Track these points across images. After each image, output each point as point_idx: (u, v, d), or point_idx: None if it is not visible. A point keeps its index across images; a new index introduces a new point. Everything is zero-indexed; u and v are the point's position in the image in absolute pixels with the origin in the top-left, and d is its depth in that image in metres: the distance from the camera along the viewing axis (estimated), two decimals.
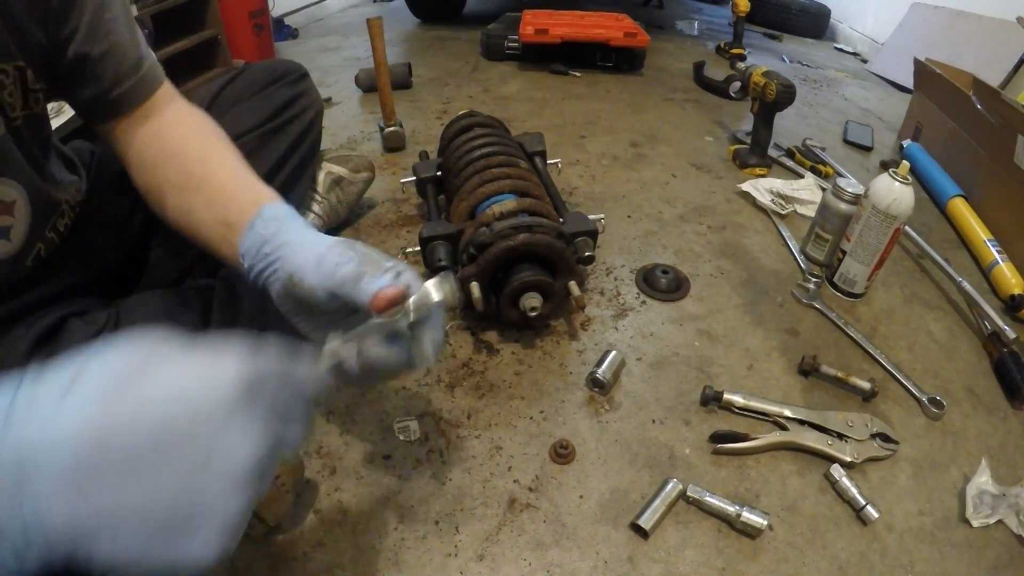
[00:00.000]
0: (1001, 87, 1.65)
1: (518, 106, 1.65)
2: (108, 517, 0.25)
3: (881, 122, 1.78)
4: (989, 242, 1.07)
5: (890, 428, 0.73)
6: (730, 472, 0.68)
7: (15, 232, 0.50)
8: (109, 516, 0.25)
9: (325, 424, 0.71)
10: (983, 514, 0.65)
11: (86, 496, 0.24)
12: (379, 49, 1.25)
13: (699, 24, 2.77)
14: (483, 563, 0.58)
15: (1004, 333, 0.86)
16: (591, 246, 0.84)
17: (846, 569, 0.60)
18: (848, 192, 0.94)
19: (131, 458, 0.25)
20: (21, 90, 0.48)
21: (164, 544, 0.26)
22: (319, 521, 0.61)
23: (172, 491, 0.25)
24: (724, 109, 1.73)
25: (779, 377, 0.81)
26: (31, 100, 0.50)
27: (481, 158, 0.90)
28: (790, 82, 1.21)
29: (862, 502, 0.64)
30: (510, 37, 1.97)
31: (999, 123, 1.14)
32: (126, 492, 0.25)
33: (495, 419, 0.73)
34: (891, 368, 0.83)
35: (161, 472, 0.25)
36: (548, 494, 0.65)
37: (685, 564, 0.59)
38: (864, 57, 2.63)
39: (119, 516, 0.25)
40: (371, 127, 1.47)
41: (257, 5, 1.80)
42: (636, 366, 0.81)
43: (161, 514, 0.25)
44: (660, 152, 1.43)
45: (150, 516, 0.25)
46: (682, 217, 1.17)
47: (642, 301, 0.93)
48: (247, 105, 0.77)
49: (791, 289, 0.97)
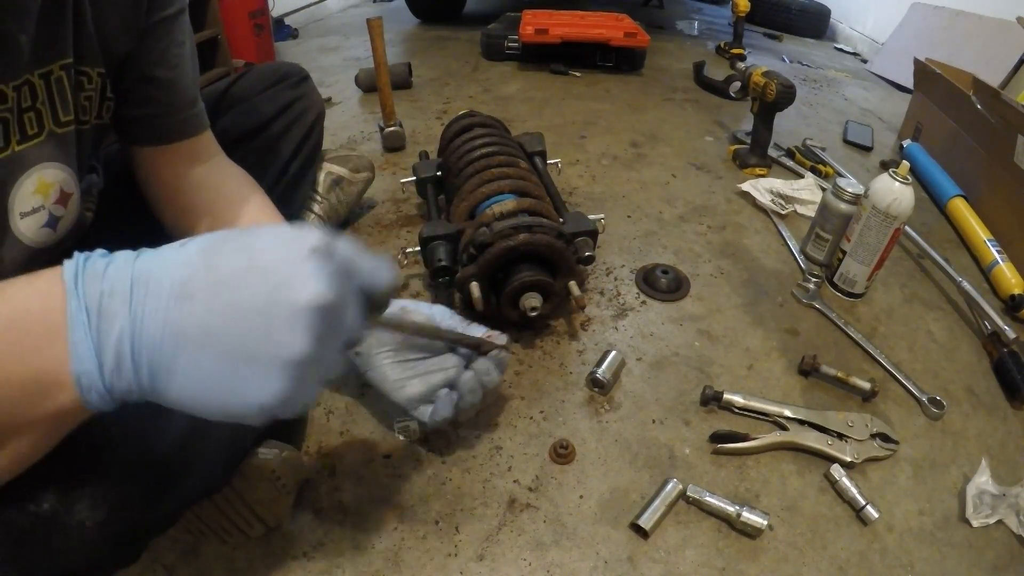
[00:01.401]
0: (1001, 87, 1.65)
1: (518, 106, 1.65)
2: (192, 334, 0.28)
3: (881, 122, 1.78)
4: (989, 242, 1.07)
5: (890, 428, 0.73)
6: (730, 472, 0.68)
7: (63, 224, 0.50)
8: (193, 332, 0.28)
9: (325, 424, 0.71)
10: (983, 514, 0.65)
11: (179, 309, 0.28)
12: (379, 49, 1.25)
13: (699, 24, 2.77)
14: (483, 563, 0.58)
15: (1004, 333, 0.86)
16: (591, 246, 0.84)
17: (846, 569, 0.60)
18: (848, 192, 0.94)
19: (219, 282, 0.29)
20: (100, 96, 0.50)
21: (232, 377, 0.29)
22: (319, 521, 0.61)
23: (247, 319, 0.28)
24: (724, 109, 1.74)
25: (779, 377, 0.81)
26: (104, 109, 0.52)
27: (481, 158, 0.90)
28: (790, 82, 1.21)
29: (862, 502, 0.64)
30: (510, 37, 1.97)
31: (999, 123, 1.14)
32: (210, 310, 0.28)
33: (495, 419, 0.73)
34: (891, 368, 0.83)
35: (241, 296, 0.29)
36: (548, 494, 0.65)
37: (685, 564, 0.59)
38: (864, 57, 2.63)
39: (201, 334, 0.28)
40: (371, 127, 1.47)
41: (257, 5, 1.80)
42: (636, 366, 0.81)
43: (234, 342, 0.28)
44: (660, 152, 1.43)
45: (225, 342, 0.28)
46: (682, 217, 1.17)
47: (642, 301, 0.93)
48: (249, 107, 0.77)
49: (791, 289, 0.97)
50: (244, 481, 0.54)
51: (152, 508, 0.43)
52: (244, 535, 0.56)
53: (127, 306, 0.28)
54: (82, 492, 0.37)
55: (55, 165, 0.46)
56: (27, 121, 0.43)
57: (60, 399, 0.28)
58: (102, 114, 0.52)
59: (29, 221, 0.46)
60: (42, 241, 0.48)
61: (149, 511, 0.43)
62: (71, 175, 0.49)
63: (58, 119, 0.45)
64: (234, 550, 0.58)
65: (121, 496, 0.39)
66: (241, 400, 0.29)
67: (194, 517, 0.53)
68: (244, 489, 0.54)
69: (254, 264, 0.29)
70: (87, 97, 0.49)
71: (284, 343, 0.29)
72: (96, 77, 0.49)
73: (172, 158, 0.57)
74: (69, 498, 0.37)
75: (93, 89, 0.49)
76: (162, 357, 0.28)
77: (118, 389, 0.29)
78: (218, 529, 0.55)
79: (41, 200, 0.46)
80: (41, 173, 0.45)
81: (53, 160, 0.46)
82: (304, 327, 0.29)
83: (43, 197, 0.46)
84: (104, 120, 0.52)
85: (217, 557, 0.57)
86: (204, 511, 0.53)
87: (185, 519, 0.53)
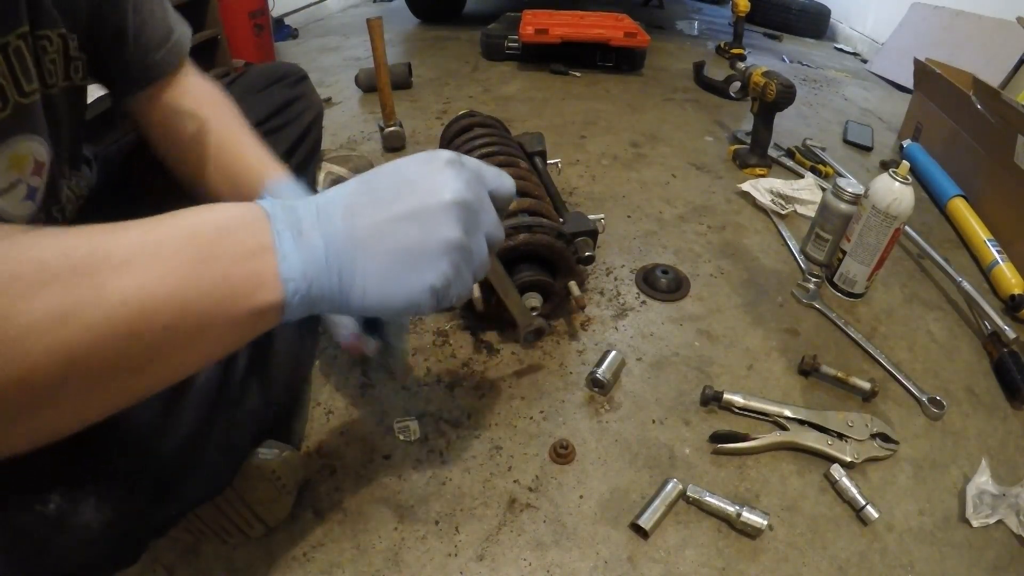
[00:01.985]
0: (1001, 87, 1.65)
1: (518, 106, 1.65)
2: (369, 242, 0.35)
3: (881, 122, 1.78)
4: (989, 242, 1.07)
5: (890, 428, 0.73)
6: (730, 472, 0.68)
7: (40, 194, 0.49)
8: (369, 241, 0.35)
9: (325, 424, 0.71)
10: (983, 514, 0.65)
11: (356, 225, 0.34)
12: (379, 49, 1.25)
13: (699, 24, 2.77)
14: (483, 563, 0.58)
15: (1004, 333, 0.86)
16: (591, 246, 0.84)
17: (846, 569, 0.60)
18: (848, 192, 0.94)
19: (381, 199, 0.36)
20: (63, 58, 0.50)
21: (404, 269, 0.35)
22: (319, 521, 0.61)
23: (408, 221, 0.35)
24: (724, 109, 1.74)
25: (779, 377, 0.81)
26: (71, 69, 0.51)
27: (481, 158, 0.90)
28: (790, 82, 1.21)
29: (862, 502, 0.64)
30: (510, 37, 1.97)
31: (999, 123, 1.14)
32: (378, 221, 0.35)
33: (495, 419, 0.73)
34: (891, 368, 0.83)
35: (400, 205, 0.35)
36: (548, 494, 0.65)
37: (685, 564, 0.59)
38: (864, 57, 2.63)
39: (375, 241, 0.35)
40: (371, 127, 1.47)
41: (257, 5, 1.80)
42: (636, 366, 0.81)
43: (401, 241, 0.35)
44: (660, 152, 1.43)
45: (394, 242, 0.35)
46: (682, 217, 1.17)
47: (642, 301, 0.93)
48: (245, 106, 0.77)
49: (791, 289, 0.97)
50: (244, 481, 0.54)
51: (156, 509, 0.43)
52: (244, 535, 0.56)
53: (318, 229, 0.34)
54: (87, 493, 0.37)
55: (25, 136, 0.46)
56: None
57: (266, 299, 0.32)
58: (70, 75, 0.51)
59: (9, 197, 0.46)
60: (25, 215, 0.48)
61: (153, 512, 0.43)
62: (42, 143, 0.48)
63: (22, 90, 0.45)
64: (234, 550, 0.58)
65: (126, 497, 0.39)
66: (414, 286, 0.36)
67: (194, 517, 0.53)
68: (244, 489, 0.54)
69: (405, 180, 0.36)
70: (51, 60, 0.48)
71: (439, 233, 0.35)
72: (56, 39, 0.48)
73: (160, 93, 0.60)
74: (75, 499, 0.37)
75: (56, 52, 0.48)
76: (350, 263, 0.34)
77: (315, 294, 0.34)
78: (218, 529, 0.55)
79: (17, 174, 0.46)
80: (15, 148, 0.45)
81: (22, 132, 0.46)
82: (452, 219, 0.36)
83: (19, 171, 0.46)
84: (75, 81, 0.52)
85: (217, 557, 0.57)
86: (204, 511, 0.53)
87: (185, 519, 0.53)
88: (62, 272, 0.26)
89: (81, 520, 0.37)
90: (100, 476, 0.38)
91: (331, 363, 0.78)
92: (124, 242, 0.29)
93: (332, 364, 0.78)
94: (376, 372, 0.77)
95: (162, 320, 0.29)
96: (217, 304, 0.31)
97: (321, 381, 0.76)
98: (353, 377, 0.76)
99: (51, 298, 0.26)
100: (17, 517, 0.35)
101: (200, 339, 0.31)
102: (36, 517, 0.35)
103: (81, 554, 0.38)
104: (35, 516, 0.35)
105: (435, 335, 0.84)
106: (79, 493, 0.37)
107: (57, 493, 0.36)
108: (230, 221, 0.32)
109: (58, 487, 0.36)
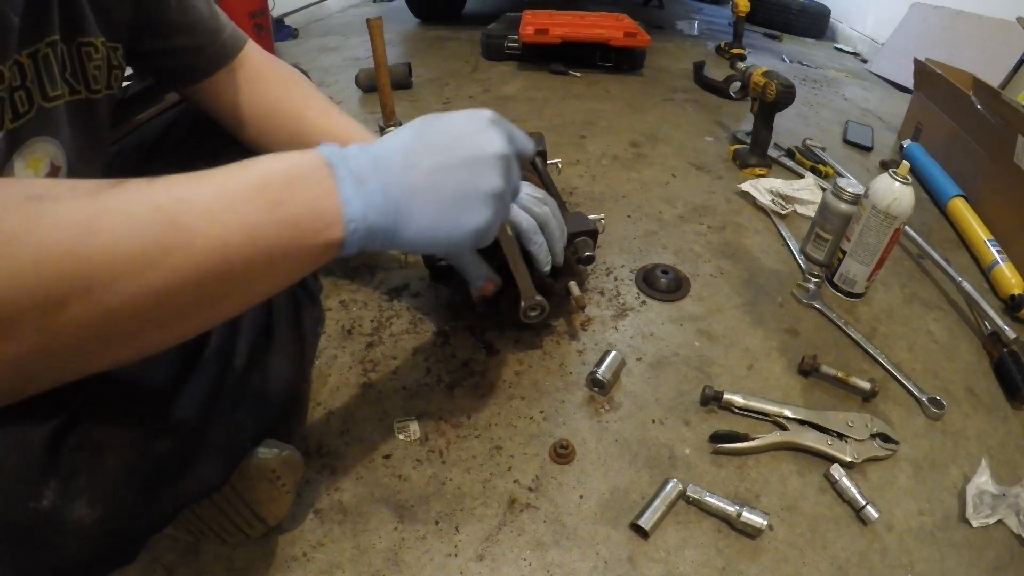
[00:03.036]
0: (1001, 87, 1.65)
1: (518, 106, 1.65)
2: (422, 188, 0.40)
3: (881, 122, 1.78)
4: (989, 242, 1.07)
5: (890, 428, 0.73)
6: (730, 472, 0.68)
7: None
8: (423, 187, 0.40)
9: (325, 424, 0.71)
10: (983, 514, 0.65)
11: (411, 172, 0.40)
12: (379, 49, 1.25)
13: (699, 24, 2.77)
14: (483, 563, 0.58)
15: (1004, 333, 0.86)
16: (591, 246, 0.84)
17: (846, 569, 0.60)
18: (848, 192, 0.94)
19: (434, 151, 0.41)
20: (107, 65, 0.52)
21: (452, 213, 0.41)
22: (319, 521, 0.61)
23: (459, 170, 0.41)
24: (724, 109, 1.74)
25: (779, 377, 0.81)
26: (112, 79, 0.54)
27: None
28: (790, 82, 1.21)
29: (862, 502, 0.64)
30: (510, 37, 1.97)
31: (999, 123, 1.14)
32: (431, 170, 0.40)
33: (495, 419, 0.73)
34: (891, 368, 0.83)
35: (451, 156, 0.41)
36: (548, 494, 0.65)
37: (685, 564, 0.59)
38: (864, 57, 2.64)
39: (429, 188, 0.40)
40: (371, 127, 1.46)
41: (257, 5, 1.80)
42: (636, 366, 0.81)
43: (452, 188, 0.41)
44: (660, 152, 1.43)
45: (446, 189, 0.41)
46: (682, 217, 1.17)
47: (642, 301, 0.93)
48: None
49: (791, 289, 0.97)
50: (244, 481, 0.54)
51: (150, 506, 0.43)
52: (244, 535, 0.56)
53: (376, 175, 0.39)
54: (80, 489, 0.37)
55: (44, 139, 0.47)
56: (18, 100, 0.44)
57: (330, 236, 0.37)
58: (111, 84, 0.53)
59: None
60: None
61: (147, 509, 0.43)
62: (59, 148, 0.49)
63: (46, 95, 0.46)
64: (234, 550, 0.58)
65: (119, 494, 0.39)
66: (461, 229, 0.41)
67: (194, 517, 0.53)
68: (244, 489, 0.54)
69: (456, 133, 0.42)
70: (96, 67, 0.50)
71: (486, 182, 0.41)
72: (101, 47, 0.50)
73: (222, 85, 0.64)
74: (68, 495, 0.37)
75: (101, 59, 0.51)
76: (407, 206, 0.39)
77: (373, 231, 0.39)
78: (218, 529, 0.55)
79: (33, 175, 0.47)
80: (32, 148, 0.46)
81: (41, 134, 0.47)
82: (498, 170, 0.42)
83: (34, 172, 0.47)
84: (114, 91, 0.54)
85: (217, 557, 0.57)
86: (204, 511, 0.53)
87: (185, 519, 0.53)
88: (151, 223, 0.30)
89: (74, 516, 0.37)
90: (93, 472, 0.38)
91: (331, 363, 0.78)
92: (205, 192, 0.33)
93: (332, 364, 0.78)
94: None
95: (239, 261, 0.33)
96: (288, 244, 0.35)
97: (321, 381, 0.76)
98: (353, 377, 0.76)
99: (140, 245, 0.30)
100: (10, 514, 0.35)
101: (270, 274, 0.36)
102: (29, 514, 0.35)
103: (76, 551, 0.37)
104: (28, 512, 0.35)
105: (435, 335, 0.84)
106: (72, 490, 0.37)
107: (50, 489, 0.36)
108: (297, 169, 0.36)
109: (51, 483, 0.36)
